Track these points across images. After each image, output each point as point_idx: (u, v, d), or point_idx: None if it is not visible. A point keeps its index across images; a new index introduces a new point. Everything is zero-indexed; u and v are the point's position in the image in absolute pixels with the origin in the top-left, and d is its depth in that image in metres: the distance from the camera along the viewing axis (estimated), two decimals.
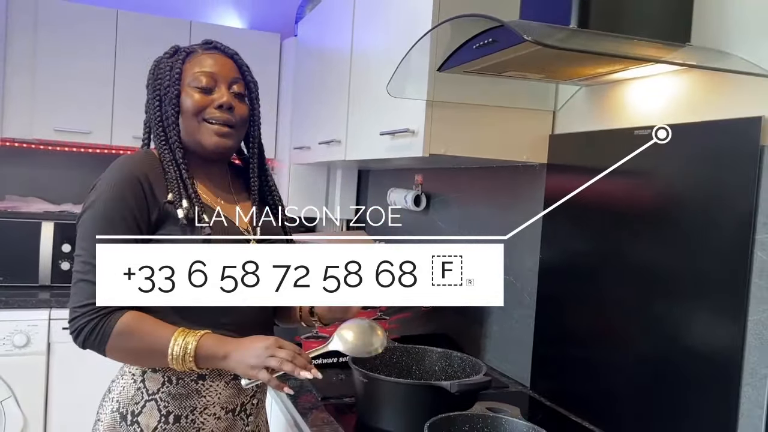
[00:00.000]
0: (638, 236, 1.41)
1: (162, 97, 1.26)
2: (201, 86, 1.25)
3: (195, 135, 1.26)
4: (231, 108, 1.25)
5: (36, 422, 2.53)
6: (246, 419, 1.29)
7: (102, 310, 1.13)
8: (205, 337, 1.14)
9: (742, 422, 1.17)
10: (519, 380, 1.83)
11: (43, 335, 2.52)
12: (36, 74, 2.78)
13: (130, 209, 1.16)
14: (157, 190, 1.20)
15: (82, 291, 1.14)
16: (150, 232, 1.19)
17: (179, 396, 1.20)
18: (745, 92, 1.20)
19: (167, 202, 1.19)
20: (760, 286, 1.14)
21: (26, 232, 2.67)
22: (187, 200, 1.19)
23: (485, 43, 1.26)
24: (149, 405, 1.20)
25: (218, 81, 1.26)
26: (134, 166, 1.20)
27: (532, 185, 1.80)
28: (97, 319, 1.13)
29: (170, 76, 1.26)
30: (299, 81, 2.90)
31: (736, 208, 1.18)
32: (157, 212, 1.19)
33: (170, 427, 1.19)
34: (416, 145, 1.63)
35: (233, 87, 1.28)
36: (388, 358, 1.59)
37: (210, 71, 1.26)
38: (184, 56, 1.28)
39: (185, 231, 1.18)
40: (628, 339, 1.43)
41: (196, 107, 1.24)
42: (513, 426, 1.20)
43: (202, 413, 1.22)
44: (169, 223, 1.19)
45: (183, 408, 1.20)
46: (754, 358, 1.15)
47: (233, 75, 1.28)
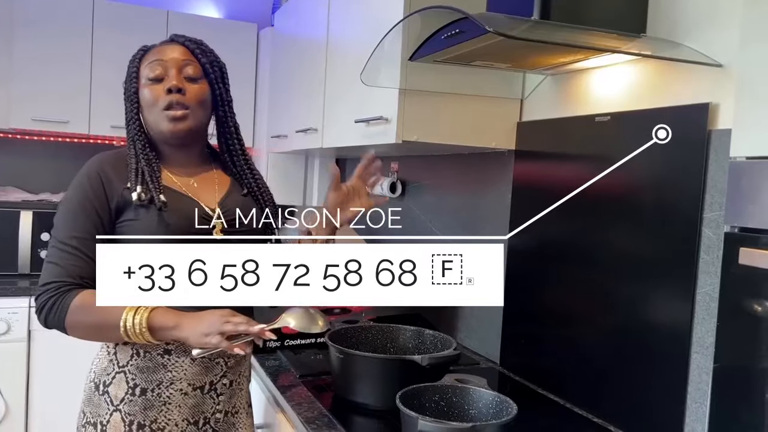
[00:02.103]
0: (599, 219, 1.49)
1: (124, 95, 1.33)
2: (153, 77, 1.29)
3: (156, 125, 1.31)
4: (180, 90, 1.28)
5: (18, 408, 2.57)
6: (216, 398, 1.33)
7: (63, 287, 1.20)
8: (157, 309, 1.20)
9: (691, 388, 1.26)
10: (490, 357, 1.91)
11: (23, 323, 2.55)
12: (13, 64, 2.78)
13: (89, 199, 1.25)
14: (116, 180, 1.27)
15: (46, 271, 1.22)
16: (111, 218, 1.26)
17: (146, 369, 1.26)
18: (695, 80, 1.28)
19: (125, 188, 1.26)
20: (707, 261, 1.23)
21: (5, 221, 2.69)
22: (141, 185, 1.26)
23: (452, 34, 1.33)
24: (119, 376, 1.26)
25: (167, 68, 1.29)
26: (95, 163, 1.30)
27: (501, 171, 1.87)
28: (56, 295, 1.20)
29: (129, 74, 1.32)
30: (276, 70, 2.94)
31: (686, 189, 1.27)
32: (116, 200, 1.26)
33: (136, 399, 1.25)
34: (389, 132, 1.69)
35: (185, 70, 1.30)
36: (363, 337, 1.66)
37: (159, 59, 1.30)
38: (141, 54, 1.33)
39: (138, 214, 1.25)
40: (591, 316, 1.52)
41: (151, 98, 1.29)
42: (479, 395, 1.28)
43: (168, 388, 1.27)
44: (128, 209, 1.26)
45: (149, 381, 1.26)
46: (702, 328, 1.24)
47: (183, 58, 1.31)
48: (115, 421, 1.25)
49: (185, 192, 1.32)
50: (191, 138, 1.35)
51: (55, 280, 1.21)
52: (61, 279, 1.21)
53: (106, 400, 1.26)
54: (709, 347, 1.22)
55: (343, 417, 1.39)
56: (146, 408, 1.26)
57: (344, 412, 1.43)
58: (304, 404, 1.47)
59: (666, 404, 1.30)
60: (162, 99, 1.28)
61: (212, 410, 1.33)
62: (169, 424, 1.27)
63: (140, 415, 1.25)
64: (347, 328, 1.66)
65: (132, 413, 1.25)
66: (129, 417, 1.25)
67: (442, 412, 1.28)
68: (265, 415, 1.71)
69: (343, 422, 1.36)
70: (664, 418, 1.30)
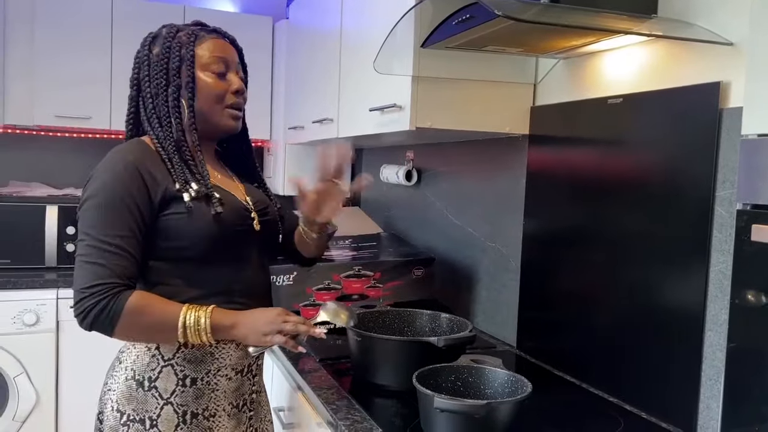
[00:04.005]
0: (612, 200, 1.50)
1: (170, 78, 1.27)
2: (219, 71, 1.30)
3: (212, 118, 1.31)
4: (242, 93, 1.33)
5: (48, 397, 2.64)
6: (252, 379, 1.38)
7: (112, 290, 1.15)
8: (216, 309, 1.22)
9: (705, 365, 1.27)
10: (506, 341, 1.93)
11: (51, 314, 2.62)
12: (35, 62, 2.85)
13: (131, 195, 1.19)
14: (158, 174, 1.23)
15: (88, 273, 1.15)
16: (155, 213, 1.22)
17: (194, 360, 1.27)
18: (706, 59, 1.28)
19: (170, 185, 1.23)
20: (720, 239, 1.24)
21: (32, 216, 2.77)
22: (196, 183, 1.24)
23: (464, 20, 1.35)
24: (165, 370, 1.25)
25: (229, 66, 1.32)
26: (128, 156, 1.23)
27: (516, 156, 1.89)
28: (107, 298, 1.14)
29: (179, 54, 1.27)
30: (292, 62, 2.97)
31: (699, 168, 1.27)
32: (161, 195, 1.22)
33: (188, 389, 1.26)
34: (403, 120, 1.71)
35: (239, 73, 1.34)
36: (381, 321, 1.69)
37: (223, 56, 1.30)
38: (194, 38, 1.29)
39: (189, 207, 1.22)
40: (606, 297, 1.53)
41: (216, 92, 1.29)
42: (495, 375, 1.30)
43: (216, 375, 1.29)
44: (175, 202, 1.23)
45: (198, 371, 1.27)
46: (715, 306, 1.25)
47: (237, 60, 1.35)
48: (167, 414, 1.25)
49: (222, 186, 1.33)
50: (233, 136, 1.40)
51: (103, 282, 1.14)
52: (110, 281, 1.15)
53: (154, 395, 1.25)
54: (723, 324, 1.23)
55: (363, 398, 1.42)
56: (198, 397, 1.27)
57: (363, 393, 1.46)
58: (325, 387, 1.50)
59: (680, 382, 1.32)
60: (229, 97, 1.31)
61: (249, 391, 1.37)
62: (218, 410, 1.30)
63: (192, 404, 1.26)
64: (365, 313, 1.69)
65: (184, 404, 1.26)
66: (182, 408, 1.25)
67: (458, 392, 1.30)
68: (287, 399, 1.75)
69: (363, 403, 1.39)
70: (679, 395, 1.32)
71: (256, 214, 1.35)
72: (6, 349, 2.56)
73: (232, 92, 1.31)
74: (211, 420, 1.29)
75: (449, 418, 1.14)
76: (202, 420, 1.27)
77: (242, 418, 1.36)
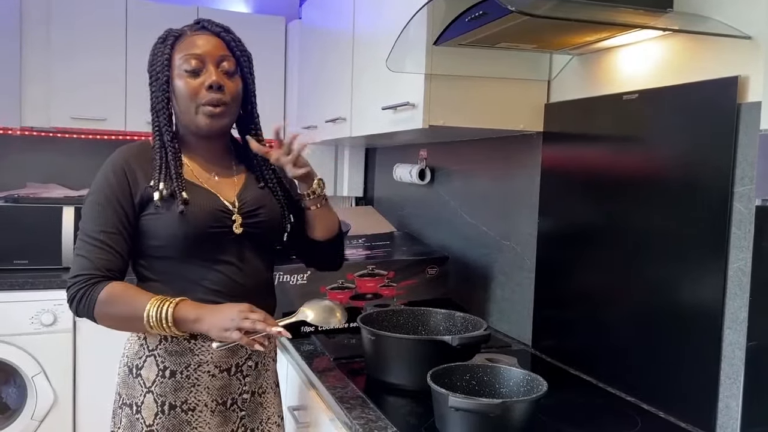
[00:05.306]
0: (628, 197, 1.49)
1: (153, 84, 1.32)
2: (190, 69, 1.28)
3: (190, 118, 1.31)
4: (221, 87, 1.28)
5: (66, 397, 2.67)
6: (243, 379, 1.38)
7: (91, 279, 1.24)
8: (181, 302, 1.23)
9: (724, 364, 1.25)
10: (521, 340, 1.92)
11: (68, 314, 2.64)
12: (51, 65, 2.88)
13: (114, 193, 1.28)
14: (140, 174, 1.30)
15: (75, 264, 1.26)
16: (136, 212, 1.29)
17: (174, 353, 1.31)
18: (723, 54, 1.26)
19: (148, 186, 1.29)
20: (738, 235, 1.22)
21: (49, 217, 2.79)
22: (164, 183, 1.28)
23: (476, 16, 1.34)
24: (149, 360, 1.31)
25: (206, 62, 1.28)
26: (120, 156, 1.32)
27: (530, 153, 1.87)
28: (86, 287, 1.23)
29: (160, 62, 1.30)
30: (305, 62, 2.98)
31: (716, 163, 1.25)
32: (140, 194, 1.29)
33: (166, 381, 1.30)
34: (416, 118, 1.70)
35: (222, 65, 1.30)
36: (395, 320, 1.68)
37: (197, 53, 1.28)
38: (173, 41, 1.31)
39: (160, 208, 1.27)
40: (623, 295, 1.51)
41: (188, 92, 1.28)
42: (510, 374, 1.29)
43: (197, 370, 1.32)
44: (151, 203, 1.29)
45: (178, 364, 1.31)
46: (734, 303, 1.23)
47: (220, 53, 1.30)
48: (148, 402, 1.30)
49: (206, 186, 1.33)
50: (224, 131, 1.37)
51: (84, 273, 1.24)
52: (89, 272, 1.24)
53: (139, 383, 1.31)
54: (742, 322, 1.21)
55: (376, 397, 1.42)
56: (176, 389, 1.31)
57: (377, 392, 1.46)
58: (339, 386, 1.50)
59: (699, 381, 1.30)
60: (201, 94, 1.28)
61: (239, 391, 1.37)
62: (199, 405, 1.32)
63: (171, 396, 1.30)
64: (379, 312, 1.68)
65: (163, 394, 1.30)
66: (161, 398, 1.30)
67: (473, 391, 1.29)
68: (301, 397, 1.75)
69: (377, 402, 1.39)
70: (698, 395, 1.30)
71: (240, 216, 1.33)
72: (24, 349, 2.59)
73: (206, 88, 1.28)
74: (190, 414, 1.31)
75: (464, 417, 1.13)
76: (180, 413, 1.31)
77: (231, 417, 1.37)
